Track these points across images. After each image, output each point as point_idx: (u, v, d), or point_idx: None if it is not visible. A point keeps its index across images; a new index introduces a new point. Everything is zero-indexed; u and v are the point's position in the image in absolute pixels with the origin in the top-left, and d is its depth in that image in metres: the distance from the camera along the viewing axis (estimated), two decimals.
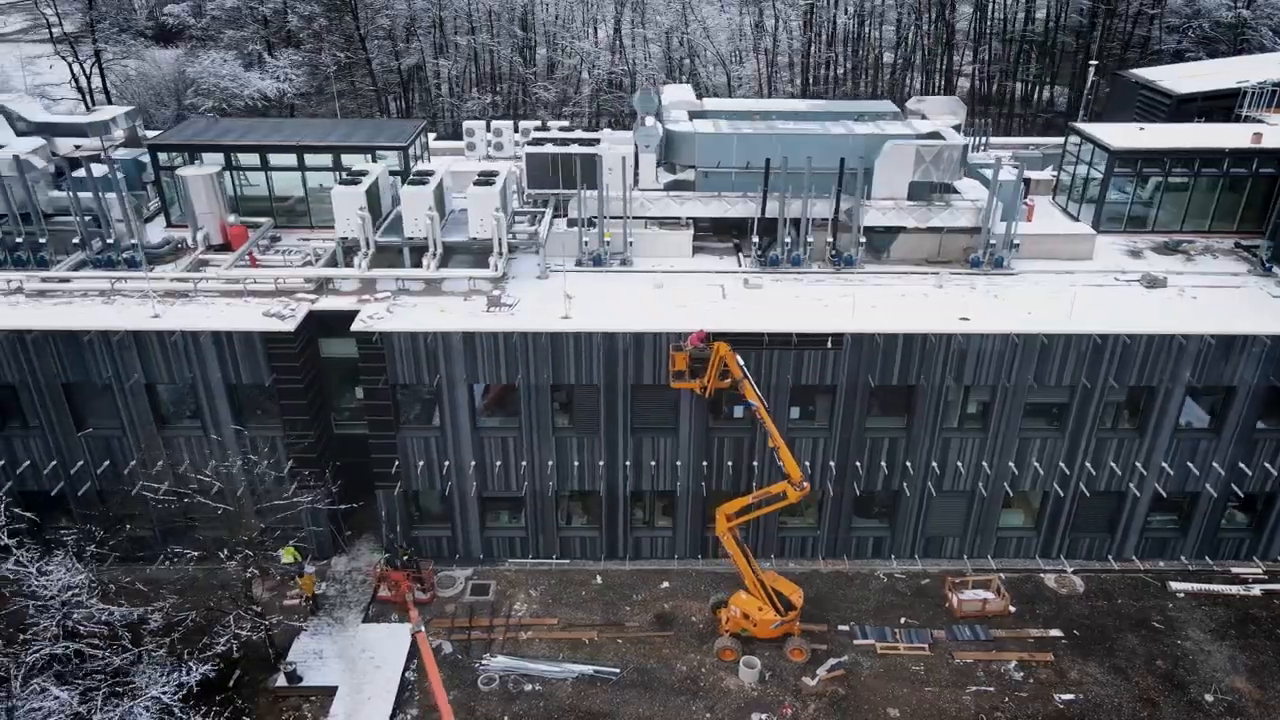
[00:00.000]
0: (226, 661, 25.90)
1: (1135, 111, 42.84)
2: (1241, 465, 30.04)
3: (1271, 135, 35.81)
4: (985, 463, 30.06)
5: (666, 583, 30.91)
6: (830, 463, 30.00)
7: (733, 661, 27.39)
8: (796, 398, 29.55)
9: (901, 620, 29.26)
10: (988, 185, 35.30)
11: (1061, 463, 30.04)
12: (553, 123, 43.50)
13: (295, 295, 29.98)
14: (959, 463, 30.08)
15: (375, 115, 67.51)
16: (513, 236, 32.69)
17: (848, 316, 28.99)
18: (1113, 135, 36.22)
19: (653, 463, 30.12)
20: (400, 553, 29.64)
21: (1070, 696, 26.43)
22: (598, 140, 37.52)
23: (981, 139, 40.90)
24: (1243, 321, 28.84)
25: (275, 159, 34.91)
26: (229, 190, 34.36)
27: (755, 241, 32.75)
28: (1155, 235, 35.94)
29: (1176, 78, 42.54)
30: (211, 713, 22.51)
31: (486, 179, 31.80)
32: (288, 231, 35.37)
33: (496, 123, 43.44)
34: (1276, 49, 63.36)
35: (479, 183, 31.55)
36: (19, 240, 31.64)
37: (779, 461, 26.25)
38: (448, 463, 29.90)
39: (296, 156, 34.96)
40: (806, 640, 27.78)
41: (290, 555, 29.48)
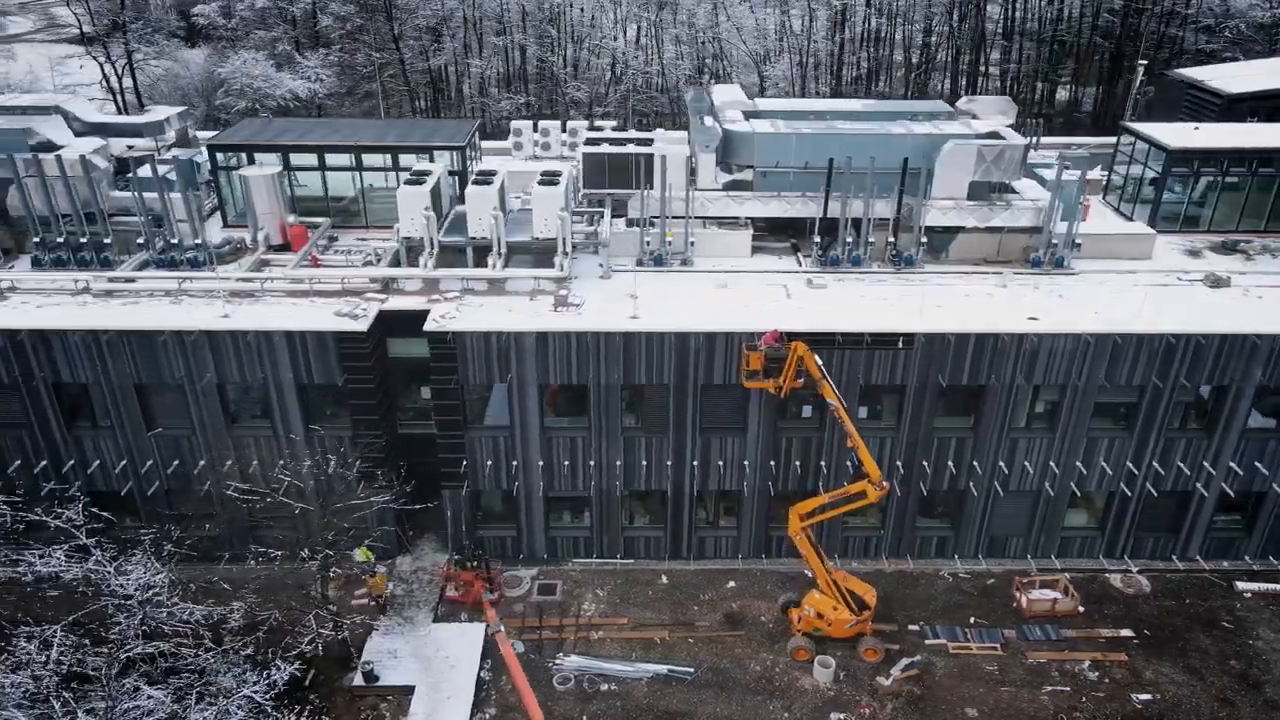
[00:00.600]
0: (303, 661, 25.91)
1: (1183, 111, 42.80)
2: None
3: None
4: (1053, 462, 30.04)
5: (733, 582, 30.92)
6: (897, 462, 29.99)
7: (807, 661, 27.40)
8: (864, 397, 29.55)
9: (971, 620, 29.25)
10: (1044, 185, 35.59)
11: (1129, 462, 30.02)
12: (601, 122, 43.55)
13: (364, 295, 30.00)
14: (1026, 462, 30.07)
15: (408, 115, 67.52)
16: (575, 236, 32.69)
17: (916, 316, 29.00)
18: (1168, 135, 36.22)
19: (720, 462, 30.13)
20: (471, 554, 29.64)
21: (1147, 696, 26.42)
22: (652, 140, 37.66)
23: (1034, 139, 40.87)
24: None
25: (332, 159, 34.97)
26: (287, 191, 34.43)
27: (817, 241, 32.73)
28: (1211, 235, 35.93)
29: (1226, 77, 42.50)
30: (305, 712, 22.51)
31: (550, 179, 31.82)
32: (342, 232, 35.42)
33: (544, 123, 43.51)
34: None
35: (543, 182, 31.57)
36: (83, 240, 31.68)
37: (858, 461, 26.26)
38: (515, 462, 29.92)
39: (354, 157, 35.01)
40: (879, 640, 27.77)
41: (365, 555, 29.52)
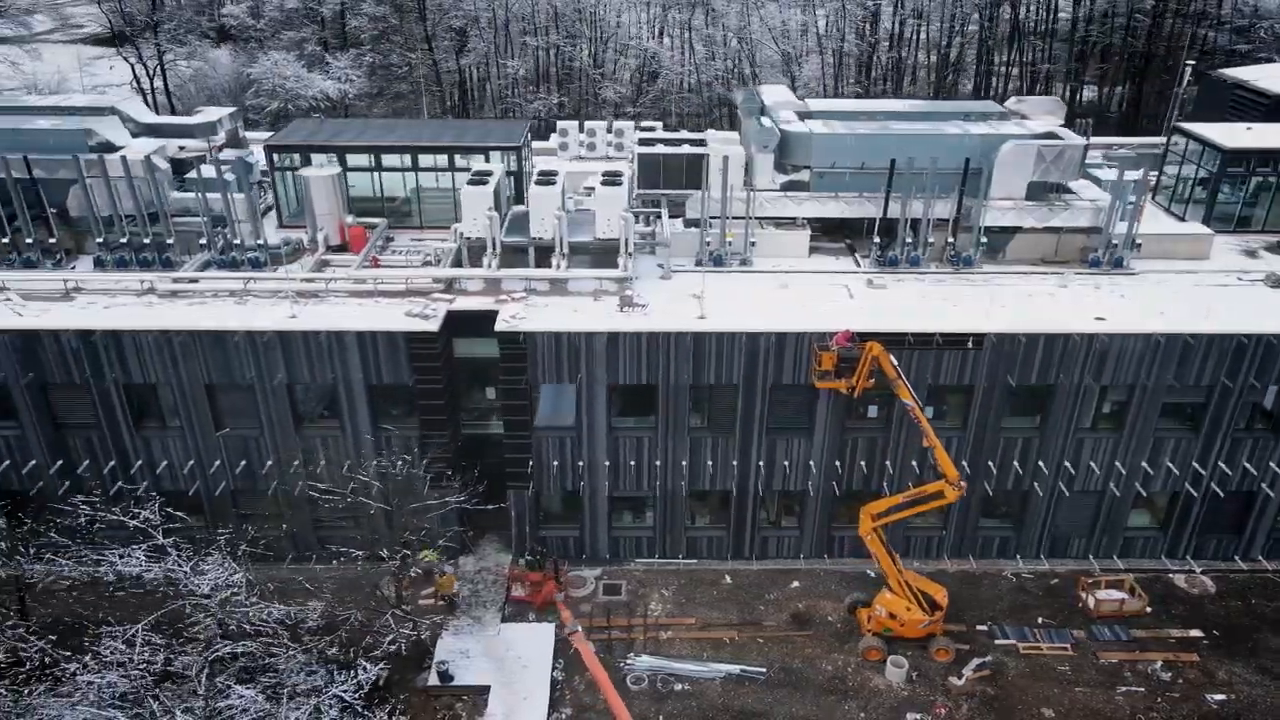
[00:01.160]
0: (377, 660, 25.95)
1: (1229, 111, 42.75)
2: None
3: None
4: (1118, 462, 30.04)
5: (796, 582, 30.94)
6: (963, 462, 29.96)
7: (878, 661, 27.43)
8: (931, 397, 29.55)
9: (1039, 620, 29.26)
10: (1099, 185, 35.62)
11: (1195, 463, 30.02)
12: (648, 123, 43.58)
13: (430, 296, 30.05)
14: (1092, 462, 30.07)
15: (439, 116, 67.59)
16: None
17: (982, 317, 29.04)
18: (1221, 135, 36.24)
19: (785, 462, 30.16)
20: (542, 554, 29.70)
21: (1222, 697, 26.42)
22: (705, 141, 37.74)
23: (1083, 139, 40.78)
24: None
25: (388, 159, 35.04)
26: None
27: (876, 242, 32.74)
28: (1265, 235, 35.93)
29: (1272, 77, 42.47)
30: (394, 711, 22.56)
31: (613, 179, 31.85)
32: (395, 232, 35.44)
33: (589, 123, 43.55)
34: None
35: (606, 182, 31.60)
36: (146, 241, 31.74)
37: (933, 461, 26.28)
38: (582, 462, 29.97)
39: (411, 157, 35.08)
40: (950, 640, 27.78)
41: (432, 556, 29.57)
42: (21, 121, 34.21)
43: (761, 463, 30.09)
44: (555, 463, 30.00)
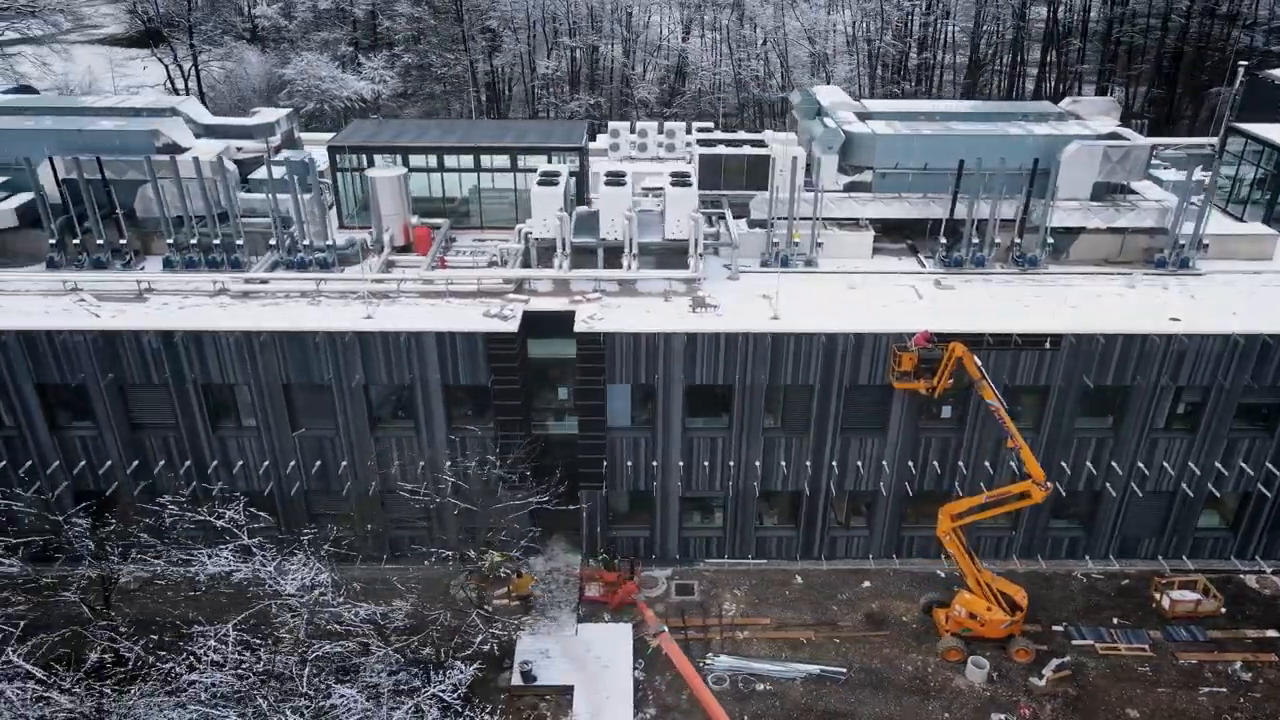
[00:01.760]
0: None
1: (1278, 112, 42.72)
2: None
3: None
4: (1192, 463, 30.05)
5: (867, 582, 30.98)
6: None
7: (958, 661, 27.45)
8: (1005, 398, 29.42)
9: (1114, 621, 29.27)
10: (1160, 185, 35.67)
11: (1269, 463, 30.02)
12: (696, 124, 43.62)
13: (504, 296, 30.10)
14: (1165, 463, 30.08)
15: (476, 116, 67.68)
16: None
17: (1055, 317, 29.08)
18: None
19: (859, 463, 30.19)
20: (616, 555, 29.76)
21: None
22: (763, 142, 37.81)
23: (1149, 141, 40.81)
24: None
25: (451, 160, 35.11)
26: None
27: (943, 242, 32.77)
28: None
29: None
30: (495, 710, 22.62)
31: (682, 179, 31.89)
32: (456, 233, 35.48)
33: (640, 123, 43.60)
34: None
35: (675, 183, 31.63)
36: (216, 241, 31.79)
37: (1017, 461, 26.34)
38: (655, 463, 30.01)
39: (474, 158, 35.14)
40: (1030, 640, 27.80)
41: (499, 558, 29.58)
42: (86, 122, 34.24)
43: (834, 463, 30.13)
44: (629, 463, 30.05)
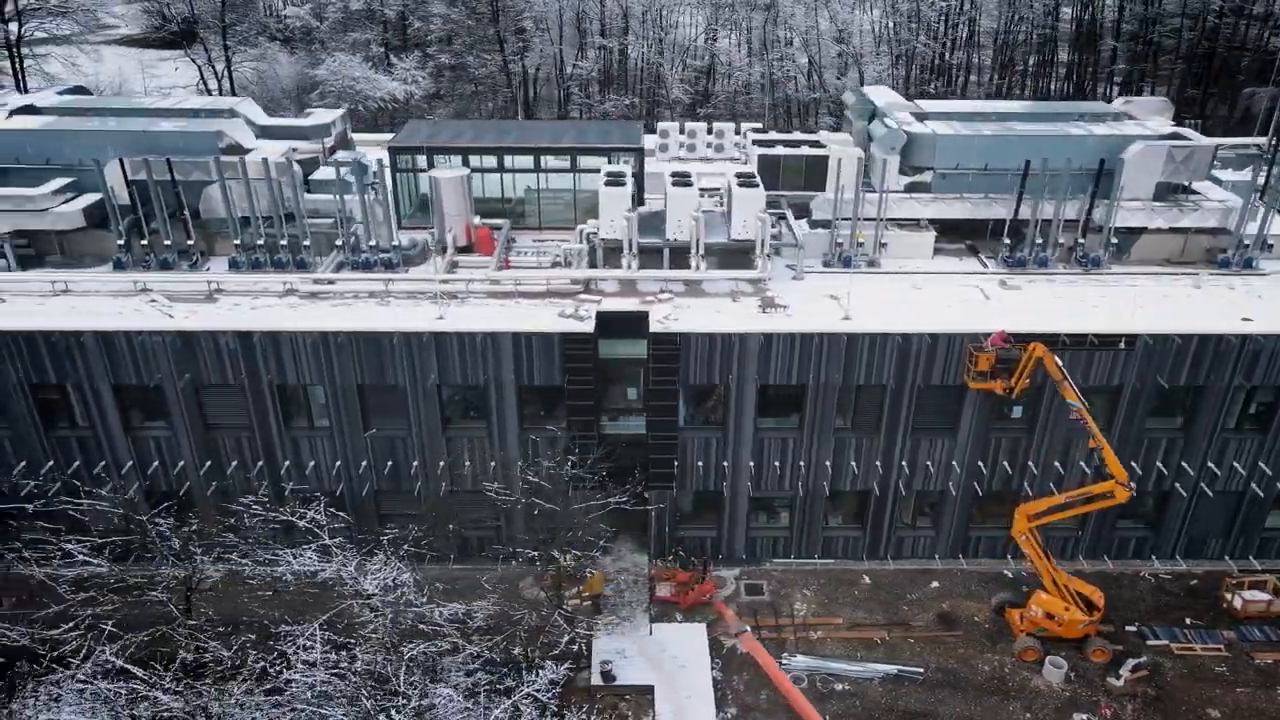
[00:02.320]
0: (530, 660, 25.99)
1: None
2: None
3: None
4: (1263, 463, 30.04)
5: (935, 582, 31.00)
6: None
7: (1035, 662, 27.46)
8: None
9: (1186, 621, 29.27)
10: (1220, 185, 35.64)
11: None
12: (745, 125, 43.63)
13: (576, 297, 30.17)
14: (1235, 463, 30.08)
15: (514, 116, 67.76)
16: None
17: (1125, 317, 29.08)
18: None
19: (929, 463, 30.21)
20: (687, 554, 29.81)
21: None
22: (818, 142, 37.84)
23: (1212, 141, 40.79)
24: None
25: (509, 160, 35.18)
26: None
27: (1007, 243, 32.81)
28: None
29: None
30: (593, 710, 22.67)
31: (749, 180, 31.93)
32: (514, 233, 35.52)
33: (689, 124, 43.67)
34: None
35: (742, 184, 31.68)
36: (283, 242, 31.85)
37: (1098, 461, 26.35)
38: (726, 463, 30.06)
39: (534, 158, 35.21)
40: (1106, 641, 27.81)
41: (569, 559, 29.65)
42: (150, 123, 34.30)
43: (904, 463, 30.15)
44: (700, 463, 30.09)
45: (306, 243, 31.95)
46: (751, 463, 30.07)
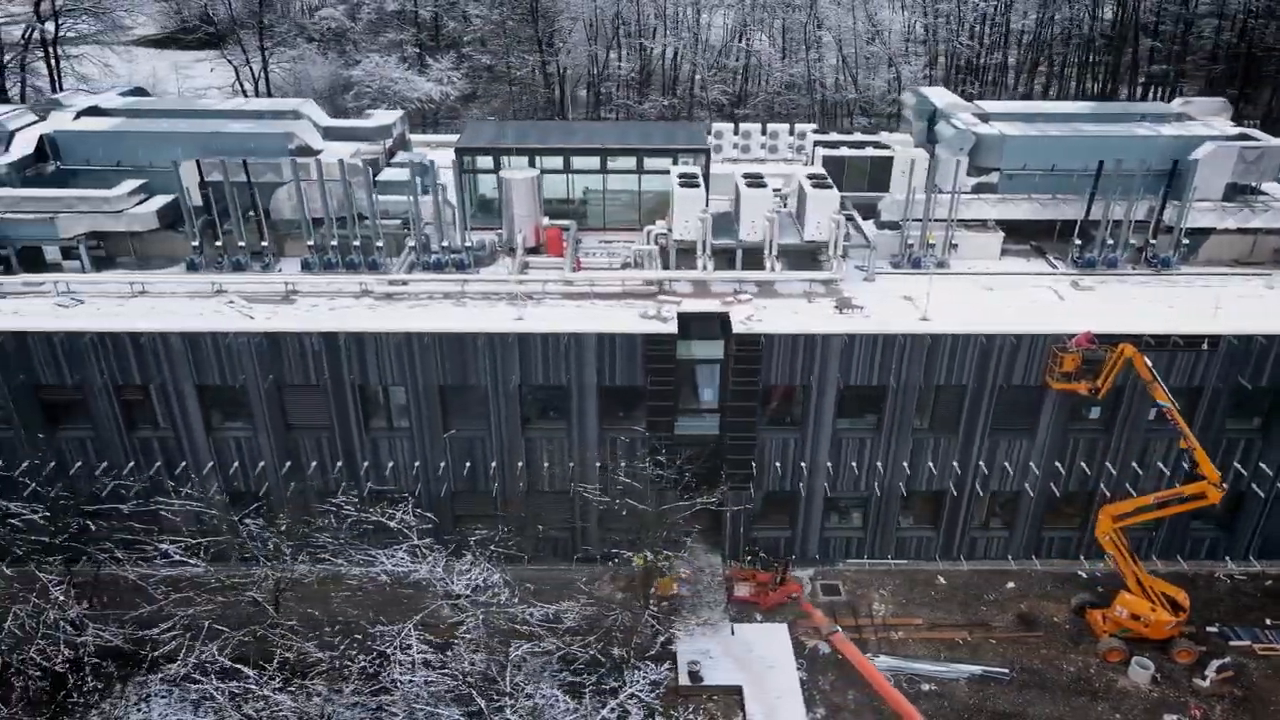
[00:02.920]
0: (615, 661, 25.99)
1: None
2: None
3: None
4: None
5: (1011, 583, 31.03)
6: (1182, 464, 29.99)
7: (1120, 663, 27.48)
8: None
9: (1266, 621, 29.29)
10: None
11: None
12: (801, 126, 43.66)
13: (655, 298, 30.22)
14: None
15: (551, 117, 67.84)
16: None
17: (1203, 317, 29.10)
18: None
19: (1006, 463, 30.24)
20: (768, 556, 29.89)
21: None
22: (878, 143, 37.85)
23: None
24: None
25: (576, 161, 35.23)
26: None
27: (1077, 243, 32.85)
28: None
29: None
30: (698, 710, 22.72)
31: (822, 182, 31.95)
32: (580, 233, 35.56)
33: (743, 125, 43.68)
34: None
35: (817, 186, 31.69)
36: (356, 243, 31.92)
37: (1191, 462, 26.36)
38: (804, 463, 30.10)
39: (600, 159, 35.24)
40: (1192, 642, 27.82)
41: (642, 560, 29.72)
42: (220, 125, 34.40)
43: (982, 463, 30.18)
44: (777, 463, 30.14)
45: (380, 244, 32.01)
46: (829, 463, 30.11)
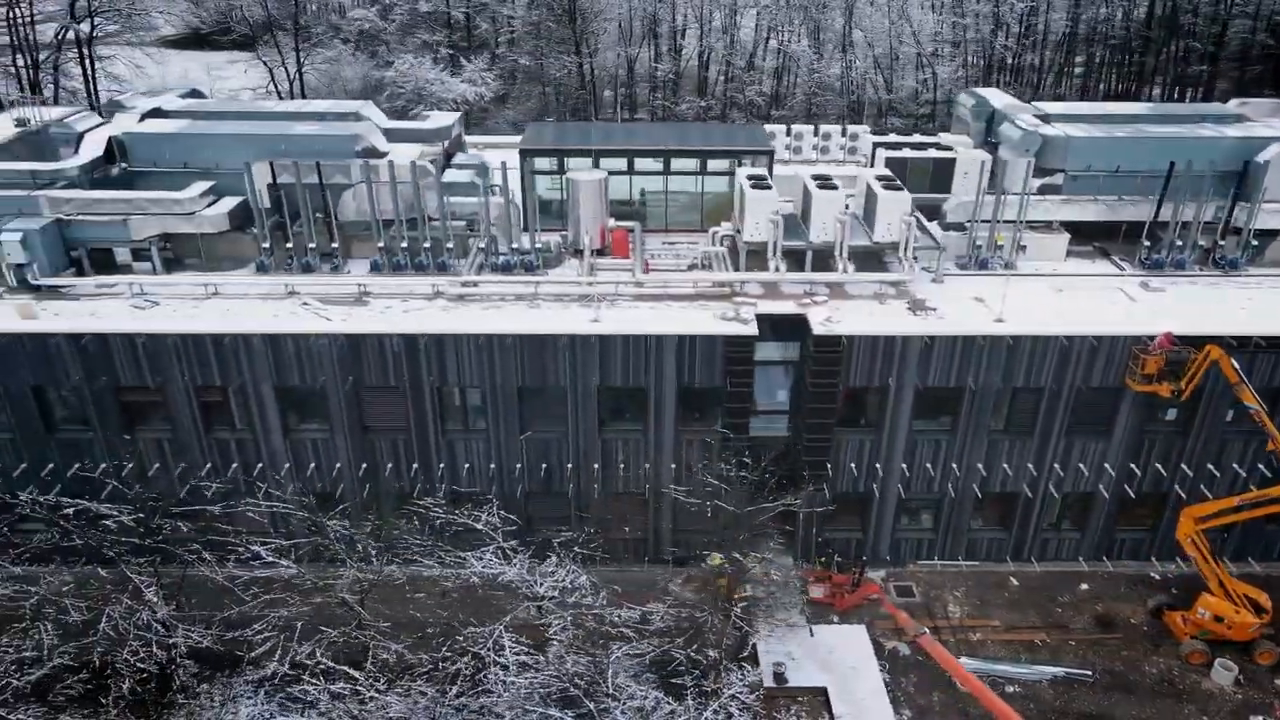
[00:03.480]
0: (696, 663, 26.00)
1: None
2: None
3: None
4: None
5: (1085, 585, 31.01)
6: (1259, 465, 29.99)
7: (1202, 664, 27.46)
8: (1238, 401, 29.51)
9: None
10: None
11: None
12: (853, 127, 43.63)
13: (731, 299, 30.24)
14: None
15: (589, 118, 67.90)
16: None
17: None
18: None
19: (1081, 464, 30.23)
20: (842, 558, 29.90)
21: None
22: (939, 144, 37.82)
23: None
24: None
25: (640, 163, 35.25)
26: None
27: (1146, 244, 32.85)
28: None
29: None
30: (800, 712, 22.74)
31: (892, 184, 31.96)
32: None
33: (795, 127, 43.65)
34: None
35: (888, 187, 31.69)
36: (427, 245, 31.94)
37: (1276, 465, 26.34)
38: (879, 464, 30.10)
39: (664, 160, 35.25)
40: (1274, 643, 27.79)
41: (719, 561, 29.75)
42: (286, 127, 34.43)
43: (1057, 464, 30.17)
44: (852, 464, 30.14)
45: (449, 245, 32.05)
46: (904, 464, 30.11)
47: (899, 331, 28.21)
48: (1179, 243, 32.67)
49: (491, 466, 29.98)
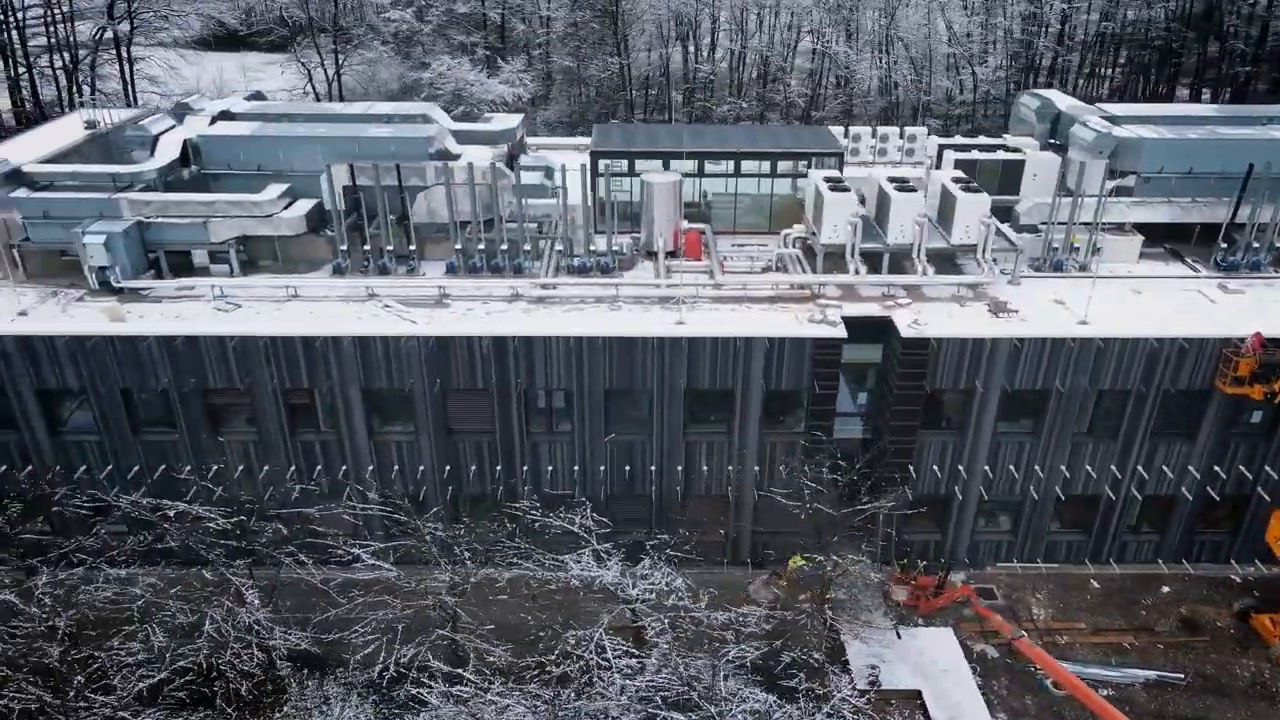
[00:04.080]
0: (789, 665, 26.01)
1: None
2: None
3: None
4: None
5: (1166, 587, 30.95)
6: None
7: None
8: None
9: None
10: None
11: None
12: (911, 129, 43.58)
13: (814, 301, 30.24)
14: None
15: (629, 119, 67.91)
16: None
17: None
18: None
19: (1165, 466, 30.17)
20: (915, 558, 29.89)
21: None
22: (1006, 145, 37.79)
23: None
24: None
25: (711, 165, 35.26)
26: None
27: (1223, 246, 32.81)
28: None
29: None
30: (909, 715, 22.73)
31: (969, 185, 31.93)
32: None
33: (854, 128, 43.61)
34: None
35: (966, 189, 31.66)
36: (504, 247, 31.95)
37: None
38: (961, 466, 30.06)
39: (734, 163, 35.24)
40: None
41: (800, 562, 29.77)
42: (359, 129, 34.42)
43: (1140, 466, 30.11)
44: (934, 467, 30.11)
45: (527, 247, 32.07)
46: (987, 467, 30.07)
47: (987, 334, 28.17)
48: (1255, 244, 32.61)
49: (575, 469, 29.96)
